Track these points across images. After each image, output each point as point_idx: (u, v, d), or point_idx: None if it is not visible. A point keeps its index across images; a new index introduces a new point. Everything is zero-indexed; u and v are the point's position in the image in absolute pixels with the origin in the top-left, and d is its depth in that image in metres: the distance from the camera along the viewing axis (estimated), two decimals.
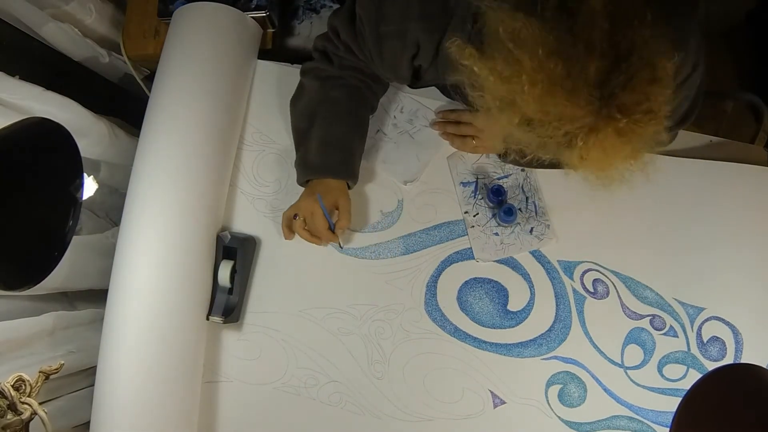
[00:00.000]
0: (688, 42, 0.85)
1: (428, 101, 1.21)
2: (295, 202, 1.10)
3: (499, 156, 1.16)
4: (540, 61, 0.67)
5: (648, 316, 1.16)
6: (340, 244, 1.14)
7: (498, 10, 0.71)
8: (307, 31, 1.38)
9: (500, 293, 1.15)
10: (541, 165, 1.13)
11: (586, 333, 1.15)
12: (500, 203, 1.15)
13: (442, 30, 0.89)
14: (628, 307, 1.16)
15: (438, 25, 0.89)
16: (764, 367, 1.12)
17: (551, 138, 0.70)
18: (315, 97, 1.06)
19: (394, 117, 1.20)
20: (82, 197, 0.75)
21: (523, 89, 0.68)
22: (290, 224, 1.10)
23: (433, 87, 1.16)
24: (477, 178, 1.19)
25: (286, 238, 1.12)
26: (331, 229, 1.08)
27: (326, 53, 1.05)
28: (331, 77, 1.05)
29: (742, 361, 1.15)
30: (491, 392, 1.13)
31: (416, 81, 1.03)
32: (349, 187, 1.10)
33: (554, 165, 1.10)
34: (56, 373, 0.87)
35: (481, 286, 1.16)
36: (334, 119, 1.05)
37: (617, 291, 1.16)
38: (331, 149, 1.05)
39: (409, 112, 1.20)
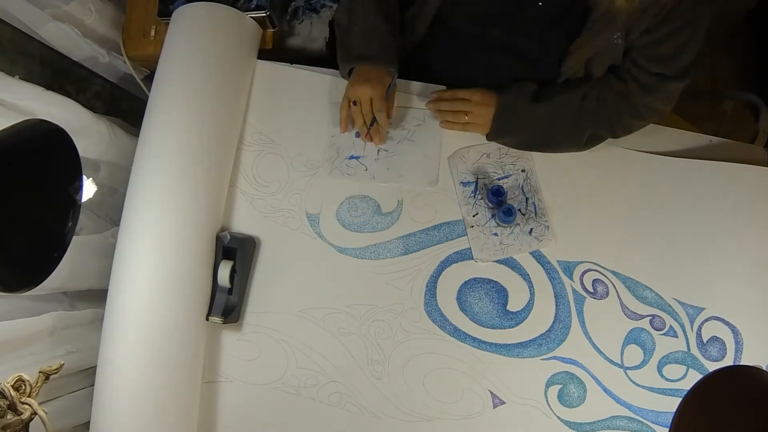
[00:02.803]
0: None
1: (410, 103, 1.21)
2: (348, 91, 1.13)
3: (488, 136, 1.17)
4: None
5: (648, 316, 1.16)
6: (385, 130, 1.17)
7: None
8: (307, 31, 1.38)
9: (500, 293, 1.16)
10: (545, 136, 1.15)
11: (586, 333, 1.15)
12: (500, 203, 1.15)
13: None
14: (627, 308, 1.16)
15: None
16: (764, 368, 1.12)
17: None
18: None
19: (387, 131, 1.19)
20: (81, 199, 0.75)
21: None
22: (349, 114, 1.15)
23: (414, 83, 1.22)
24: (477, 178, 1.19)
25: (342, 131, 1.17)
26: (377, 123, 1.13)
27: None
28: None
29: (742, 360, 1.15)
30: (491, 392, 1.13)
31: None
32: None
33: (558, 131, 1.11)
34: (56, 373, 0.87)
35: (481, 287, 1.16)
36: (371, 11, 1.11)
37: (617, 291, 1.16)
38: (371, 42, 1.11)
39: (397, 120, 1.20)
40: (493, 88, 1.14)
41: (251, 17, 1.21)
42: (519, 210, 1.16)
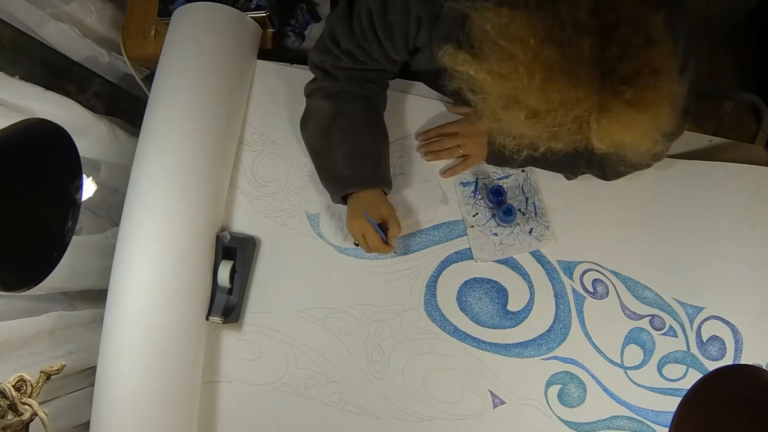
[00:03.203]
0: (676, 38, 0.86)
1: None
2: (347, 227, 1.08)
3: (487, 160, 1.16)
4: (534, 51, 0.67)
5: (647, 316, 1.16)
6: (396, 253, 1.14)
7: (483, 10, 0.71)
8: (307, 31, 1.38)
9: (500, 293, 1.16)
10: (543, 164, 1.13)
11: (586, 333, 1.15)
12: (500, 203, 1.15)
13: (440, 5, 0.89)
14: (627, 307, 1.16)
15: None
16: (764, 367, 1.12)
17: (561, 126, 0.69)
18: (328, 116, 1.04)
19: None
20: (81, 198, 0.75)
21: (523, 82, 0.68)
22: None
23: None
24: (477, 179, 1.19)
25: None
26: (384, 241, 1.06)
27: (326, 70, 1.04)
28: (341, 92, 1.04)
29: (742, 359, 1.15)
30: (491, 392, 1.13)
31: (414, 56, 1.03)
32: (385, 194, 1.09)
33: (555, 163, 1.09)
34: (58, 373, 0.87)
35: (481, 287, 1.16)
36: (355, 131, 1.04)
37: (617, 291, 1.16)
38: (359, 160, 1.04)
39: None
40: None
41: (251, 17, 1.21)
42: (519, 210, 1.16)
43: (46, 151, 0.73)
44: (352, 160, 1.04)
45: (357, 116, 1.04)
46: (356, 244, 1.10)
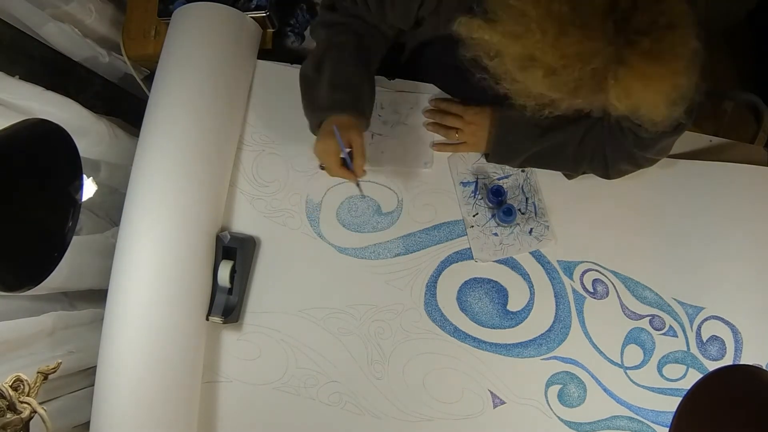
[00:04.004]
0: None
1: (400, 89, 1.21)
2: (314, 150, 1.04)
3: (485, 156, 1.17)
4: (544, 6, 0.67)
5: (647, 316, 1.16)
6: (359, 187, 1.09)
7: None
8: (307, 31, 1.38)
9: (500, 293, 1.16)
10: (544, 162, 1.12)
11: (586, 333, 1.15)
12: (500, 203, 1.15)
13: None
14: (627, 307, 1.16)
15: None
16: (764, 367, 1.12)
17: (580, 81, 0.69)
18: (322, 45, 1.05)
19: (379, 116, 1.19)
20: (81, 198, 0.75)
21: (537, 39, 0.68)
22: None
23: (408, 82, 1.19)
24: (477, 178, 1.19)
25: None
26: (349, 166, 1.02)
27: (332, 5, 1.05)
28: (336, 23, 1.05)
29: (742, 359, 1.15)
30: (491, 392, 1.13)
31: (416, 29, 1.03)
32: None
33: (558, 160, 1.07)
34: (54, 372, 0.87)
35: (481, 287, 1.16)
36: (342, 61, 1.03)
37: (617, 291, 1.16)
38: (340, 89, 1.02)
39: (390, 105, 1.20)
40: (492, 104, 1.10)
41: (251, 17, 1.21)
42: (519, 210, 1.16)
43: (47, 151, 0.73)
44: (335, 88, 1.02)
45: (348, 48, 1.04)
46: (321, 167, 1.05)
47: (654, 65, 0.68)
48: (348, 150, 1.01)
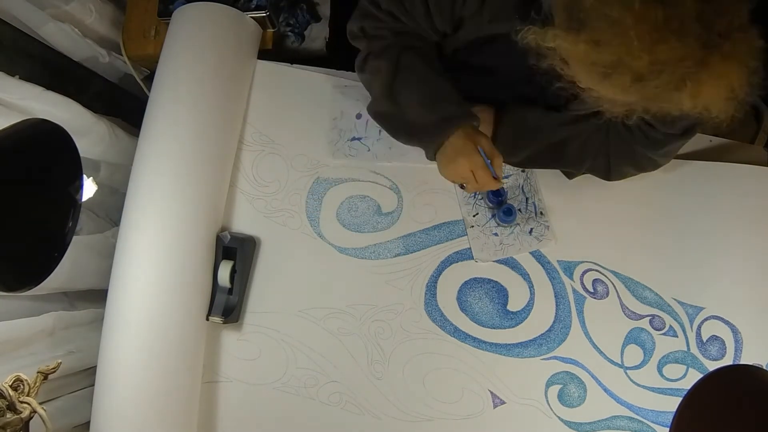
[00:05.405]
0: None
1: None
2: (445, 175, 1.00)
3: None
4: (640, 13, 0.67)
5: (647, 316, 1.16)
6: (503, 185, 1.07)
7: None
8: (307, 31, 1.38)
9: (500, 293, 1.16)
10: (545, 162, 1.12)
11: (586, 333, 1.15)
12: (500, 203, 1.15)
13: None
14: (627, 308, 1.16)
15: None
16: (764, 366, 1.12)
17: (666, 86, 0.70)
18: (387, 75, 0.99)
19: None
20: (81, 198, 0.75)
21: (631, 45, 0.68)
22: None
23: None
24: None
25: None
26: (494, 175, 0.99)
27: (369, 35, 0.99)
28: (391, 47, 0.99)
29: (742, 359, 1.15)
30: (491, 392, 1.13)
31: (455, 33, 0.99)
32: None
33: (558, 159, 1.07)
34: (54, 372, 0.87)
35: (481, 287, 1.16)
36: (421, 80, 0.98)
37: (617, 291, 1.16)
38: (438, 101, 0.98)
39: None
40: (498, 105, 1.09)
41: (251, 17, 1.21)
42: (519, 210, 1.16)
43: (47, 151, 0.73)
44: (430, 104, 0.97)
45: (417, 66, 0.98)
46: (462, 187, 1.02)
47: (729, 67, 0.69)
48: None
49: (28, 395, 0.82)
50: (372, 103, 1.05)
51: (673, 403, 1.13)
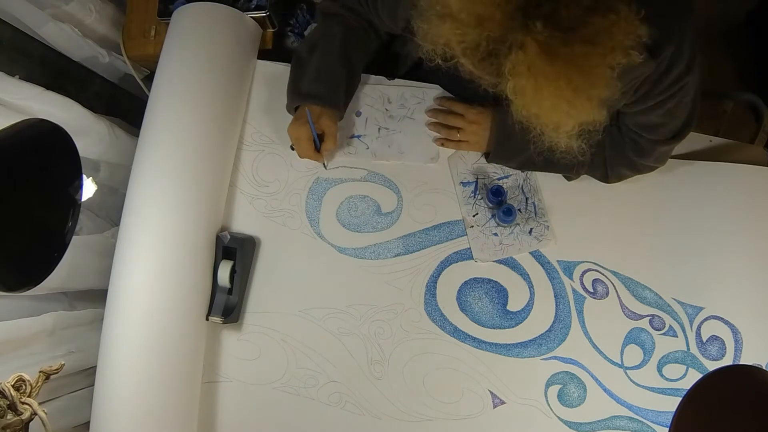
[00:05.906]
0: (678, 39, 0.85)
1: (408, 84, 1.21)
2: (287, 130, 1.10)
3: (485, 155, 1.17)
4: None
5: (647, 316, 1.16)
6: (324, 164, 1.17)
7: None
8: (307, 31, 1.38)
9: (500, 293, 1.16)
10: (544, 166, 1.12)
11: (586, 333, 1.15)
12: (500, 203, 1.15)
13: None
14: (627, 308, 1.16)
15: None
16: (764, 367, 1.12)
17: (477, 47, 0.68)
18: (318, 32, 1.12)
19: (386, 110, 1.20)
20: (81, 198, 0.75)
21: None
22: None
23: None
24: (477, 178, 1.19)
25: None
26: (317, 149, 1.09)
27: (345, 5, 1.10)
28: (332, 14, 1.11)
29: (742, 359, 1.15)
30: (491, 392, 1.13)
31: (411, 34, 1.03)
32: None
33: (557, 163, 1.08)
34: (56, 373, 0.87)
35: (481, 287, 1.16)
36: (330, 53, 1.09)
37: (617, 291, 1.16)
38: (322, 81, 1.08)
39: (397, 99, 1.21)
40: (495, 104, 1.10)
41: (251, 17, 1.22)
42: (519, 210, 1.16)
43: (46, 151, 0.73)
44: (318, 77, 1.08)
45: (336, 40, 1.09)
46: (292, 148, 1.11)
47: (545, 62, 0.65)
48: (319, 134, 1.08)
49: (29, 396, 0.82)
50: (301, 42, 1.21)
51: (672, 403, 1.13)
